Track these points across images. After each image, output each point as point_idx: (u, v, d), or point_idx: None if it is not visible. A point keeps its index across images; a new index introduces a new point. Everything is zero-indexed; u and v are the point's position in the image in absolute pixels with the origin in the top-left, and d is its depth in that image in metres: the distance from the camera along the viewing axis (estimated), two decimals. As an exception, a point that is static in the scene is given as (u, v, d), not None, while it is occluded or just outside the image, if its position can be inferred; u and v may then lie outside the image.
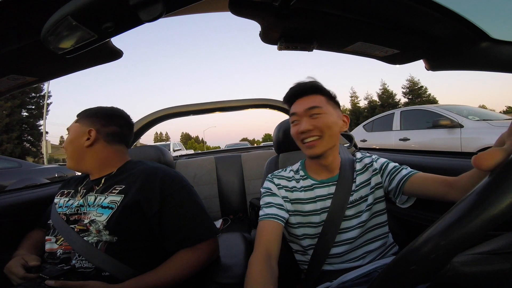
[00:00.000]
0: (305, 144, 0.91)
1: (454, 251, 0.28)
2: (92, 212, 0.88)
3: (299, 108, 0.93)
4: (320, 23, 0.80)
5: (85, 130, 0.98)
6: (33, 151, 23.31)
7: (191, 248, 0.89)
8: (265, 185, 1.00)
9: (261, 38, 0.89)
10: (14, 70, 0.86)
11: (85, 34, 0.53)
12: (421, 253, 0.30)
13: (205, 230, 0.93)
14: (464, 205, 0.28)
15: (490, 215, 0.26)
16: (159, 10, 0.47)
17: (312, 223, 0.92)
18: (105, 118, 1.02)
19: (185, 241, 0.89)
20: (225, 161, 2.41)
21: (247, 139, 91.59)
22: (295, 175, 1.01)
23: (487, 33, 0.54)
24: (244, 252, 1.07)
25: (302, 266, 0.97)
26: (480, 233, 0.26)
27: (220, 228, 2.01)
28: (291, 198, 0.95)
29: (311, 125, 0.89)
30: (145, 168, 0.96)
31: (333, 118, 0.91)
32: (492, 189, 0.27)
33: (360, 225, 0.90)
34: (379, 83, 48.93)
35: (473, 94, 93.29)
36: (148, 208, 0.88)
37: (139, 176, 0.93)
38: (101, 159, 0.99)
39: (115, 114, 1.06)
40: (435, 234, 0.30)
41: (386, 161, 0.97)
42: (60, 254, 0.86)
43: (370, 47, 0.92)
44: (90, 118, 1.01)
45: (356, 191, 0.93)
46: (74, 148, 0.98)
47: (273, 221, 0.88)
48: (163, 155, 1.75)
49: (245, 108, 2.20)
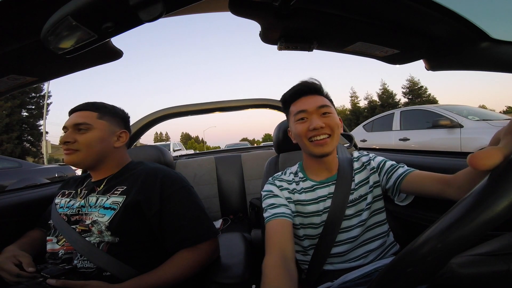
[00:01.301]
0: (314, 142, 0.90)
1: (451, 254, 0.29)
2: (94, 213, 0.88)
3: (309, 105, 0.92)
4: (320, 23, 0.80)
5: (113, 130, 0.99)
6: (33, 151, 23.30)
7: (191, 248, 0.89)
8: (266, 188, 0.99)
9: (261, 38, 0.89)
10: (14, 70, 0.86)
11: (85, 34, 0.53)
12: (419, 255, 0.30)
13: (205, 230, 0.93)
14: (461, 208, 0.28)
15: (487, 218, 0.26)
16: (159, 10, 0.47)
17: (313, 224, 0.92)
18: (124, 120, 1.06)
19: (185, 241, 0.89)
20: (225, 161, 2.41)
21: (247, 139, 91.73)
22: (294, 177, 1.00)
23: (487, 33, 0.54)
24: (244, 252, 1.07)
25: (303, 266, 0.96)
26: (477, 235, 0.26)
27: (220, 228, 2.01)
28: (294, 199, 0.94)
29: (323, 122, 0.89)
30: (146, 169, 0.97)
31: (337, 120, 0.93)
32: (489, 192, 0.27)
33: (361, 224, 0.90)
34: (379, 83, 49.00)
35: (473, 94, 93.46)
36: (148, 208, 0.88)
37: (139, 176, 0.94)
38: (118, 160, 1.01)
39: (128, 117, 1.09)
40: (432, 236, 0.30)
41: (383, 160, 0.98)
42: (62, 254, 0.87)
43: (370, 47, 0.92)
44: (115, 118, 1.02)
45: (356, 190, 0.93)
46: (103, 146, 0.96)
47: (282, 219, 0.86)
48: (163, 155, 1.75)
49: (245, 108, 2.20)
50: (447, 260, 0.28)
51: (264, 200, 0.95)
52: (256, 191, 2.21)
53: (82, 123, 0.94)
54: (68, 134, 0.93)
